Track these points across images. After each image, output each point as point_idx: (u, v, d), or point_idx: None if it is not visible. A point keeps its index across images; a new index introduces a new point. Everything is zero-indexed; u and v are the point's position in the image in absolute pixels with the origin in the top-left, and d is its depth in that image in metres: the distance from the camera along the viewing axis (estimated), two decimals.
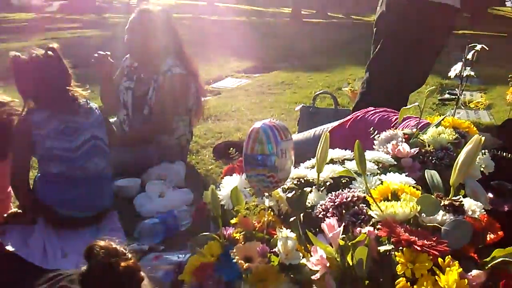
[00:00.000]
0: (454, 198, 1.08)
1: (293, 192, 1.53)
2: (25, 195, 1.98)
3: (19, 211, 2.02)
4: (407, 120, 2.01)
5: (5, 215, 1.97)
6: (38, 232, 1.86)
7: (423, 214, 1.02)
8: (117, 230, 1.97)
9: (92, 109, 2.07)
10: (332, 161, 1.64)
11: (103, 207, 2.06)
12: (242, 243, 1.34)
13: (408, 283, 0.90)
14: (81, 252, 1.77)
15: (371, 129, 1.78)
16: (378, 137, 1.69)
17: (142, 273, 0.89)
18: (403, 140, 1.63)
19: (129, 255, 0.90)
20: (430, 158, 1.53)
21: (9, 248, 1.68)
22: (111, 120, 2.35)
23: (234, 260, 1.25)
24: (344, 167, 1.56)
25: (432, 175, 1.17)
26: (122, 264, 0.86)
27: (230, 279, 1.22)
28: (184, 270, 1.31)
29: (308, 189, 1.49)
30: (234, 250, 1.28)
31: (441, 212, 1.02)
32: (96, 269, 0.85)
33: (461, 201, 1.06)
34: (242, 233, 1.39)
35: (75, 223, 1.94)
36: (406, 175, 1.27)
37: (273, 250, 1.30)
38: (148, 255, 1.78)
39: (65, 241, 1.85)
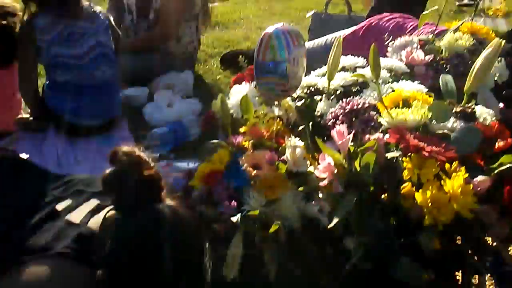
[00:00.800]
0: (466, 105, 1.06)
1: (303, 100, 1.52)
2: (35, 103, 1.98)
3: (30, 118, 2.04)
4: (422, 27, 1.93)
5: (17, 122, 2.00)
6: (50, 140, 1.89)
7: (433, 121, 1.01)
8: (127, 139, 1.99)
9: (96, 13, 1.97)
10: (343, 69, 1.59)
11: (112, 115, 2.05)
12: (251, 151, 1.35)
13: (414, 188, 0.91)
14: (93, 159, 1.83)
15: (385, 35, 1.71)
16: (393, 43, 1.62)
17: (163, 183, 0.89)
18: (418, 46, 1.57)
19: (152, 164, 0.91)
20: (444, 65, 1.48)
21: (23, 155, 1.71)
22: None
23: (243, 168, 1.27)
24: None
25: (446, 80, 1.13)
26: (145, 172, 0.86)
27: (239, 186, 1.25)
28: (194, 176, 1.34)
29: (318, 97, 1.47)
30: (243, 158, 1.30)
31: (452, 119, 1.00)
32: (119, 173, 0.86)
33: (473, 108, 1.04)
34: (251, 141, 1.40)
35: (85, 131, 1.96)
36: (418, 83, 1.24)
37: (281, 158, 1.31)
38: (158, 163, 1.82)
39: (77, 149, 1.89)
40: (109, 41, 1.99)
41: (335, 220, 0.96)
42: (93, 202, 1.01)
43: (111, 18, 2.05)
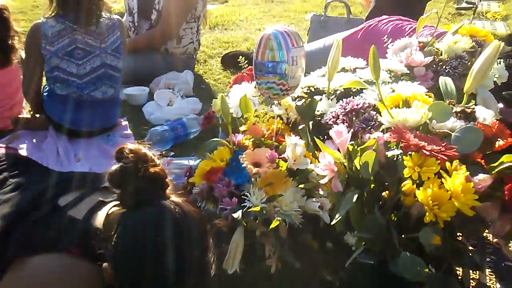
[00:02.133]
0: (466, 105, 1.07)
1: (303, 100, 1.53)
2: (35, 104, 1.96)
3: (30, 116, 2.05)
4: (422, 29, 1.94)
5: (14, 121, 2.00)
6: (50, 138, 1.89)
7: (434, 120, 1.02)
8: (128, 137, 2.00)
9: (113, 27, 1.89)
10: (343, 70, 1.61)
11: (112, 124, 2.03)
12: (251, 149, 1.36)
13: (414, 185, 0.92)
14: (93, 157, 1.83)
15: (385, 37, 1.72)
16: (392, 45, 1.64)
17: (168, 180, 0.90)
18: (418, 48, 1.59)
19: (157, 161, 0.91)
20: (444, 67, 1.50)
21: (23, 152, 1.71)
22: None
23: (243, 165, 1.28)
24: (356, 76, 1.54)
25: (446, 81, 1.15)
26: (150, 169, 0.87)
27: (239, 183, 1.26)
28: (194, 173, 1.35)
29: (318, 97, 1.48)
30: (244, 156, 1.31)
31: (452, 119, 1.01)
32: (124, 171, 0.86)
33: (473, 108, 1.05)
34: (251, 139, 1.41)
35: (85, 135, 1.95)
36: (418, 84, 1.26)
37: (282, 156, 1.32)
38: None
39: (78, 147, 1.89)
40: (116, 61, 1.92)
41: (336, 218, 0.96)
42: (95, 198, 1.02)
43: (123, 23, 1.99)
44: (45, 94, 1.94)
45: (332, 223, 1.01)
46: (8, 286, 0.86)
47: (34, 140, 1.92)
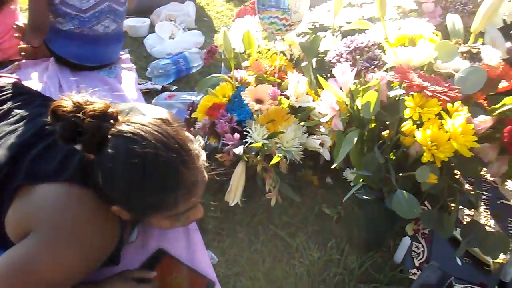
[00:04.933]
0: (472, 45, 1.05)
1: (307, 36, 1.50)
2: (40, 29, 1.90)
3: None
4: None
5: (20, 50, 1.98)
6: (52, 69, 1.88)
7: (438, 60, 1.01)
8: (130, 69, 1.98)
9: None
10: (350, 5, 1.56)
11: (113, 59, 2.01)
12: (254, 85, 1.36)
13: (414, 126, 0.93)
14: (95, 87, 1.82)
15: None
16: None
17: (113, 110, 0.88)
18: None
19: (94, 98, 0.88)
20: (453, 3, 1.46)
21: (26, 83, 1.71)
22: None
23: (246, 101, 1.29)
24: (362, 13, 1.50)
25: (453, 20, 1.12)
26: (89, 108, 0.85)
27: (242, 119, 1.27)
28: (197, 108, 1.36)
29: (322, 34, 1.45)
30: (246, 92, 1.31)
31: (457, 59, 1.00)
32: (68, 124, 0.84)
33: (479, 48, 1.03)
34: (254, 76, 1.40)
35: (88, 68, 1.94)
36: (426, 21, 1.22)
37: (284, 93, 1.32)
38: (161, 94, 1.82)
39: (80, 78, 1.88)
40: None
41: (338, 159, 0.98)
42: None
43: None
44: (49, 30, 1.89)
45: (333, 166, 1.03)
46: (16, 212, 0.90)
47: (36, 70, 1.91)
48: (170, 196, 0.86)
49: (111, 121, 0.86)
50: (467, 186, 1.35)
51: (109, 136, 0.84)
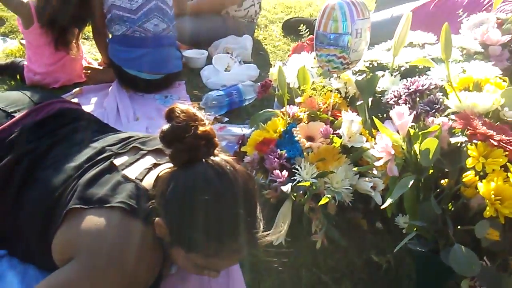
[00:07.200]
0: None
1: (364, 75, 1.47)
2: (105, 48, 2.10)
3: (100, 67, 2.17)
4: (501, 4, 1.79)
5: (88, 71, 2.10)
6: (112, 95, 1.96)
7: (506, 108, 0.95)
8: (185, 100, 2.03)
9: None
10: (411, 45, 1.52)
11: (170, 70, 2.09)
12: (306, 122, 1.34)
13: (477, 177, 0.87)
14: (151, 117, 1.88)
15: (460, 11, 1.60)
16: (467, 20, 1.52)
17: (217, 139, 0.91)
18: (495, 25, 1.46)
19: (207, 122, 0.93)
20: None
21: (86, 108, 1.78)
22: None
23: (296, 138, 1.26)
24: (424, 52, 1.45)
25: None
26: (200, 128, 0.89)
27: (291, 156, 1.24)
28: (247, 142, 1.35)
29: (380, 73, 1.42)
30: (297, 129, 1.29)
31: None
32: (176, 129, 0.88)
33: None
34: (307, 112, 1.38)
35: (145, 85, 2.02)
36: (492, 65, 1.16)
37: (336, 132, 1.29)
38: (213, 125, 1.84)
39: (137, 105, 1.95)
40: None
41: (389, 201, 0.93)
42: (150, 160, 1.04)
43: None
44: (107, 41, 2.09)
45: (383, 207, 0.98)
46: (63, 236, 0.91)
47: (97, 96, 1.99)
48: (214, 245, 0.84)
49: (211, 147, 0.90)
50: None
51: (203, 160, 0.87)
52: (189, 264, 0.90)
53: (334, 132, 1.29)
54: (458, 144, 0.95)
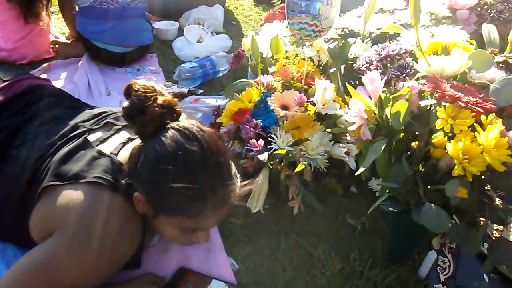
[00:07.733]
0: (509, 54, 1.01)
1: (336, 42, 1.48)
2: (72, 20, 2.03)
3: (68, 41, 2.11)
4: None
5: (56, 46, 2.04)
6: (82, 69, 1.92)
7: (473, 70, 0.97)
8: (157, 72, 2.00)
9: None
10: (381, 11, 1.53)
11: (140, 42, 2.05)
12: (280, 91, 1.34)
13: (446, 138, 0.90)
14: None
15: None
16: None
17: (179, 108, 0.92)
18: None
19: (166, 92, 0.93)
20: (489, 10, 1.41)
21: (56, 83, 1.74)
22: None
23: (271, 107, 1.27)
24: (394, 18, 1.47)
25: (489, 29, 1.08)
26: (160, 97, 0.89)
27: (267, 125, 1.25)
28: (222, 113, 1.35)
29: (352, 40, 1.43)
30: (272, 98, 1.29)
31: (492, 69, 0.96)
32: (136, 103, 0.89)
33: None
34: (281, 81, 1.39)
35: (116, 58, 1.98)
36: (460, 29, 1.18)
37: (310, 99, 1.30)
38: (187, 97, 1.83)
39: (109, 79, 1.91)
40: None
41: (363, 167, 0.96)
42: (124, 135, 1.04)
43: None
44: (74, 13, 2.01)
45: (357, 173, 1.00)
46: (41, 212, 0.91)
47: (67, 71, 1.95)
48: (196, 204, 0.85)
49: (174, 115, 0.90)
50: (497, 201, 1.30)
51: (168, 127, 0.88)
52: (176, 232, 0.92)
53: (308, 100, 1.31)
54: (428, 107, 0.97)
